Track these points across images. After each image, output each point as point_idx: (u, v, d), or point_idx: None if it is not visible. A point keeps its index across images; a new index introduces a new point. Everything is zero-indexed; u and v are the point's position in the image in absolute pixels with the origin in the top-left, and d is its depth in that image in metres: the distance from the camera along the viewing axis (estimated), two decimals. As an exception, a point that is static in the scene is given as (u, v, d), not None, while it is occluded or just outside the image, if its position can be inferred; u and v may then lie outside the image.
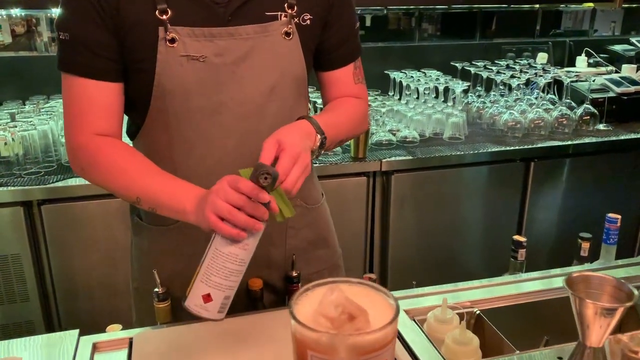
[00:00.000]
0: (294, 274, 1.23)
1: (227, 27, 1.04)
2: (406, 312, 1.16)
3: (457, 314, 1.13)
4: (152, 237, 1.18)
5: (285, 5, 1.08)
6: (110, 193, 1.06)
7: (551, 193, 2.50)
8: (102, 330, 1.11)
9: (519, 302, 1.23)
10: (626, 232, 2.63)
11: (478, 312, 1.19)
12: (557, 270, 1.34)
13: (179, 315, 1.16)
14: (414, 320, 1.14)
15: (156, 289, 1.13)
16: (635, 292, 0.82)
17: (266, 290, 1.21)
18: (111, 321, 1.18)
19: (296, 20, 1.09)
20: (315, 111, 2.29)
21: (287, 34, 1.08)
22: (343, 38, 1.19)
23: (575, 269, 1.37)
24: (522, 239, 1.38)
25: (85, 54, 1.01)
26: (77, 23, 1.01)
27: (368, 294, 0.74)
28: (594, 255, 1.44)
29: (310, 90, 1.98)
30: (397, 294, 1.24)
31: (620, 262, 1.40)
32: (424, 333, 1.09)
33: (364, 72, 1.27)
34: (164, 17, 1.00)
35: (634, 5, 3.45)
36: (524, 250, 1.38)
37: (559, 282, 1.29)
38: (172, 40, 1.01)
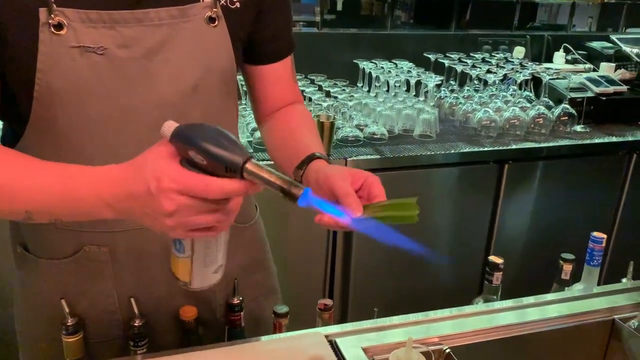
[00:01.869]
0: (236, 301, 1.05)
1: (134, 11, 0.82)
2: (365, 350, 1.00)
3: (423, 353, 0.97)
4: (41, 273, 0.96)
5: None
6: None
7: (525, 197, 2.37)
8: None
9: (494, 337, 1.07)
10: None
11: (448, 350, 1.03)
12: (536, 299, 1.19)
13: (92, 350, 0.97)
14: (374, 361, 0.98)
15: (64, 321, 0.93)
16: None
17: (201, 322, 1.03)
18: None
19: (222, 2, 0.89)
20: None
21: (212, 19, 0.88)
22: (281, 28, 1.00)
23: (556, 296, 1.22)
24: (499, 260, 1.21)
25: None
26: None
27: None
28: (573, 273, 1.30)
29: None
30: (355, 325, 1.07)
31: (603, 288, 1.25)
32: (385, 379, 0.93)
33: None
34: None
35: (613, 1, 3.35)
36: (500, 273, 1.21)
37: (538, 313, 1.14)
38: (59, 26, 0.78)
